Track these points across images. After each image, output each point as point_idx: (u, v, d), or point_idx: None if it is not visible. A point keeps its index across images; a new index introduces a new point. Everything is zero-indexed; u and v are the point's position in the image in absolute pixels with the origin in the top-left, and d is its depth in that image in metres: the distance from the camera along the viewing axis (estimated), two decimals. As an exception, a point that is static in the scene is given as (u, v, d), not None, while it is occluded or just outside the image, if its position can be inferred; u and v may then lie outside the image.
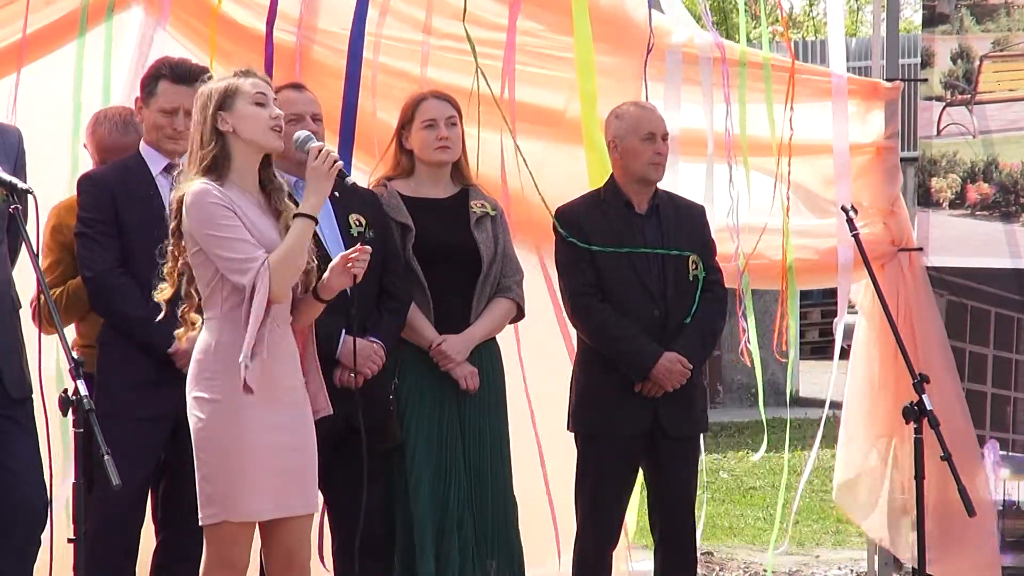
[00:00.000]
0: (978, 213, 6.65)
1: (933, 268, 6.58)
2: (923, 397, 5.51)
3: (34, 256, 4.54)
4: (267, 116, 4.57)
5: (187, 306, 4.61)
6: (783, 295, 6.41)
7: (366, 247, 4.64)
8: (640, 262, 5.63)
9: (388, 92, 6.05)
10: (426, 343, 5.43)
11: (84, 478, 4.33)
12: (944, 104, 6.67)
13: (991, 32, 6.67)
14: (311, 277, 4.67)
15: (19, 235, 4.67)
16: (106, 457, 4.16)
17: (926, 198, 6.68)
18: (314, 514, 4.73)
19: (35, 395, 4.96)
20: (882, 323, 6.30)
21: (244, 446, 4.50)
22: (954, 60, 6.68)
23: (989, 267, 6.61)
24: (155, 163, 5.24)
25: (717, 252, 5.85)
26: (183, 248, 4.56)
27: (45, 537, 5.06)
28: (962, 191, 6.65)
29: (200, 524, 4.58)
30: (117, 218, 5.14)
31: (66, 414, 4.32)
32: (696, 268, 5.69)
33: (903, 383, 6.31)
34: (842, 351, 6.61)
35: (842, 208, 6.00)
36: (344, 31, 6.01)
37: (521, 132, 6.01)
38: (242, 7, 6.06)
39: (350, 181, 4.63)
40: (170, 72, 5.24)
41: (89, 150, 5.58)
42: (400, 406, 5.41)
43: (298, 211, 4.55)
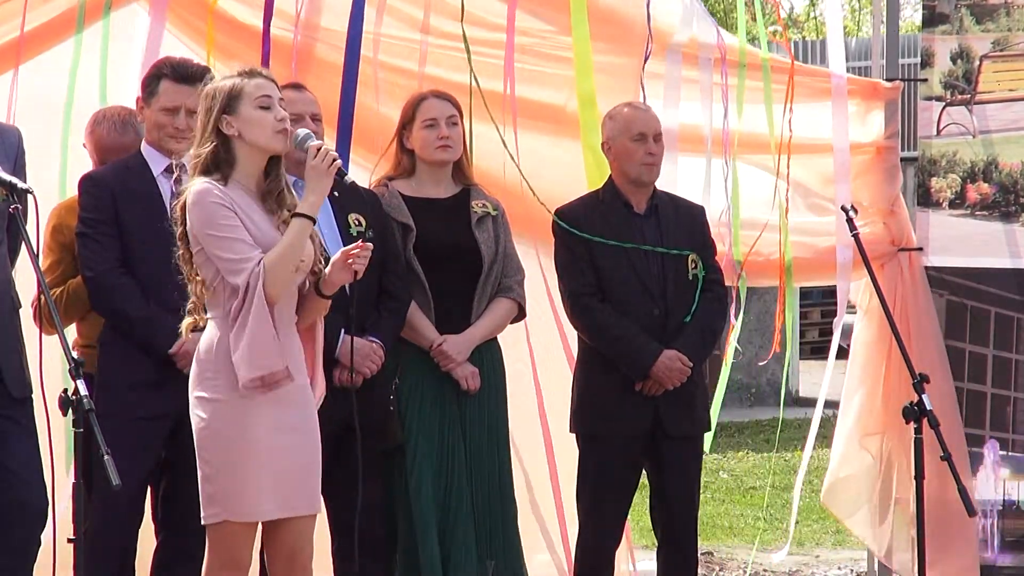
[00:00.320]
0: (978, 213, 6.65)
1: (933, 268, 6.58)
2: (923, 397, 5.51)
3: (34, 256, 4.55)
4: (272, 119, 4.54)
5: (194, 303, 4.60)
6: (781, 293, 6.42)
7: (368, 244, 4.61)
8: (640, 261, 5.63)
9: (389, 89, 6.05)
10: (427, 343, 5.43)
11: (84, 478, 4.33)
12: (944, 104, 6.67)
13: (991, 32, 6.66)
14: (320, 277, 4.64)
15: (19, 235, 4.67)
16: (106, 457, 4.16)
17: (926, 198, 6.67)
18: (317, 515, 4.70)
19: (35, 395, 4.97)
20: (881, 323, 6.30)
21: (246, 446, 4.49)
22: (954, 60, 6.68)
23: (989, 267, 6.61)
24: (156, 163, 5.24)
25: (717, 251, 5.85)
26: (192, 252, 4.54)
27: (45, 537, 5.06)
28: (962, 191, 6.65)
29: (203, 524, 4.57)
30: (118, 218, 5.14)
31: (66, 414, 4.32)
32: (696, 267, 5.69)
33: (900, 382, 6.32)
34: (842, 350, 6.61)
35: (842, 208, 6.00)
36: (344, 29, 6.01)
37: (521, 128, 6.02)
38: (239, 4, 6.05)
39: (349, 179, 4.61)
40: (172, 71, 5.24)
41: (88, 150, 5.58)
42: (401, 406, 5.41)
43: (296, 211, 4.52)
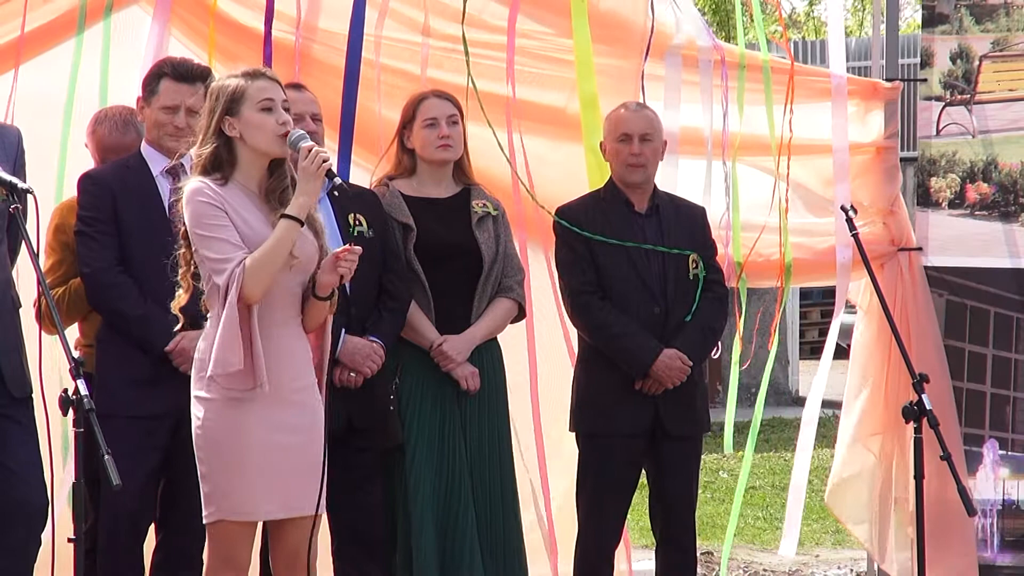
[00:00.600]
0: (977, 213, 6.65)
1: (932, 268, 6.58)
2: (923, 397, 5.52)
3: (34, 256, 4.55)
4: (274, 123, 4.52)
5: (183, 298, 4.59)
6: (780, 293, 6.42)
7: (356, 247, 4.58)
8: (640, 260, 5.64)
9: (389, 90, 6.05)
10: (427, 343, 5.43)
11: (85, 478, 4.33)
12: (944, 104, 6.68)
13: (991, 32, 6.67)
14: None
15: (19, 235, 4.67)
16: (106, 457, 4.16)
17: (925, 198, 6.68)
18: (319, 515, 4.69)
19: (35, 395, 4.97)
20: (881, 323, 6.31)
21: (241, 445, 4.48)
22: (953, 60, 6.68)
23: (988, 267, 6.62)
24: (156, 163, 5.24)
25: (718, 252, 5.86)
26: (192, 251, 4.55)
27: (45, 536, 5.06)
28: (961, 191, 6.66)
29: (204, 523, 4.57)
30: (117, 217, 5.14)
31: (66, 414, 4.32)
32: (696, 267, 5.70)
33: (899, 382, 6.33)
34: (841, 351, 6.61)
35: (842, 208, 6.01)
36: (344, 31, 6.01)
37: (522, 131, 6.02)
38: (241, 6, 6.06)
39: (338, 180, 4.58)
40: (172, 71, 5.25)
41: (90, 149, 5.59)
42: (401, 406, 5.41)
43: (284, 212, 4.50)
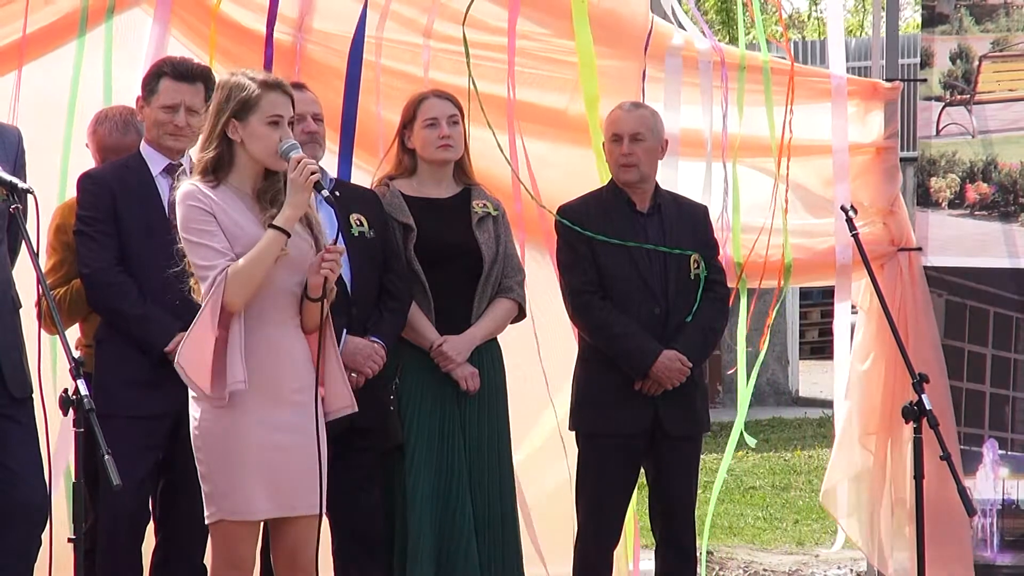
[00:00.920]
0: (977, 213, 6.66)
1: (932, 268, 6.59)
2: (923, 397, 5.52)
3: (34, 256, 4.55)
4: (277, 139, 4.53)
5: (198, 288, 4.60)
6: (776, 293, 6.43)
7: (338, 247, 4.57)
8: (642, 260, 5.64)
9: (390, 92, 6.05)
10: (427, 344, 5.43)
11: (85, 478, 4.33)
12: (943, 104, 6.68)
13: (990, 32, 6.68)
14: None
15: (19, 235, 4.67)
16: (106, 457, 4.16)
17: (925, 198, 6.69)
18: (320, 515, 4.68)
19: (35, 395, 4.97)
20: (880, 323, 6.31)
21: (239, 445, 4.49)
22: (953, 60, 6.69)
23: (988, 267, 6.62)
24: (155, 163, 5.25)
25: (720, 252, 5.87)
26: None
27: (45, 537, 5.06)
28: (961, 191, 6.66)
29: (206, 523, 4.57)
30: (116, 217, 5.15)
31: (66, 414, 4.32)
32: (698, 267, 5.69)
33: (897, 382, 6.33)
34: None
35: (842, 208, 6.01)
36: (339, 32, 6.02)
37: (523, 132, 6.03)
38: (242, 7, 6.06)
39: (325, 193, 4.59)
40: (172, 70, 5.26)
41: (91, 150, 5.59)
42: (401, 406, 5.41)
43: (270, 223, 4.50)
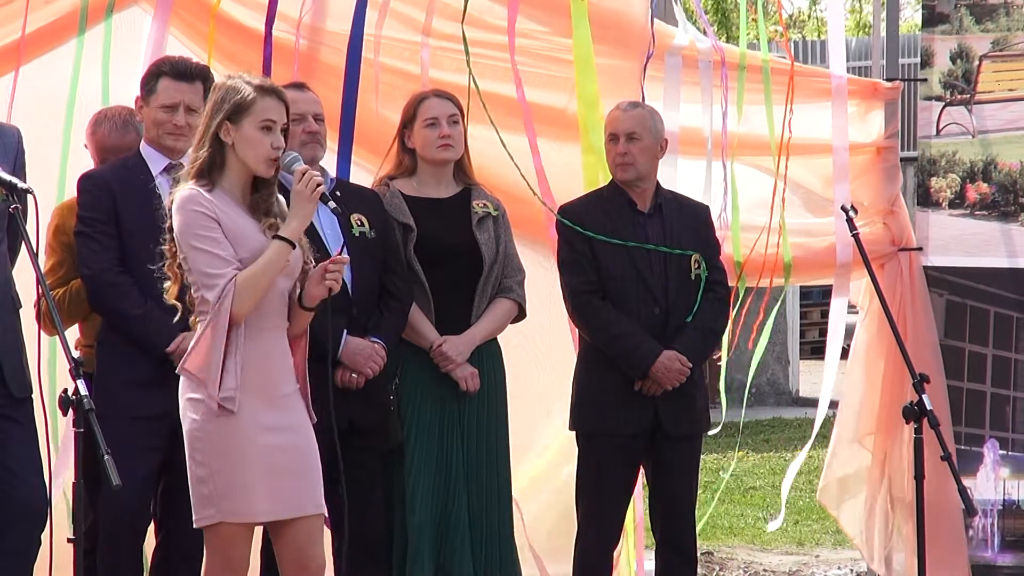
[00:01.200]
0: (977, 213, 6.66)
1: (932, 268, 6.59)
2: (923, 397, 5.51)
3: (34, 256, 4.55)
4: (268, 145, 4.53)
5: (172, 290, 4.58)
6: (767, 291, 6.43)
7: (343, 257, 4.59)
8: (642, 260, 5.63)
9: (390, 90, 6.05)
10: (427, 344, 5.42)
11: (85, 478, 4.33)
12: (944, 104, 6.68)
13: (990, 32, 6.68)
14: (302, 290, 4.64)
15: (19, 235, 4.67)
16: (106, 457, 4.16)
17: (926, 198, 6.68)
18: (321, 514, 4.69)
19: (35, 395, 4.97)
20: (880, 322, 6.31)
21: (239, 447, 4.48)
22: (953, 60, 6.69)
23: (988, 267, 6.62)
24: (156, 163, 5.24)
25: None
26: (176, 245, 4.55)
27: (45, 537, 5.06)
28: (961, 191, 6.66)
29: (195, 526, 4.56)
30: (117, 218, 5.14)
31: (66, 414, 4.32)
32: (698, 267, 5.69)
33: (896, 382, 6.33)
34: (843, 350, 6.62)
35: (842, 208, 6.01)
36: (346, 32, 6.01)
37: (522, 131, 6.02)
38: (241, 6, 6.06)
39: (332, 204, 4.60)
40: (171, 69, 5.25)
41: (90, 150, 5.58)
42: (401, 406, 5.40)
43: (277, 233, 4.51)
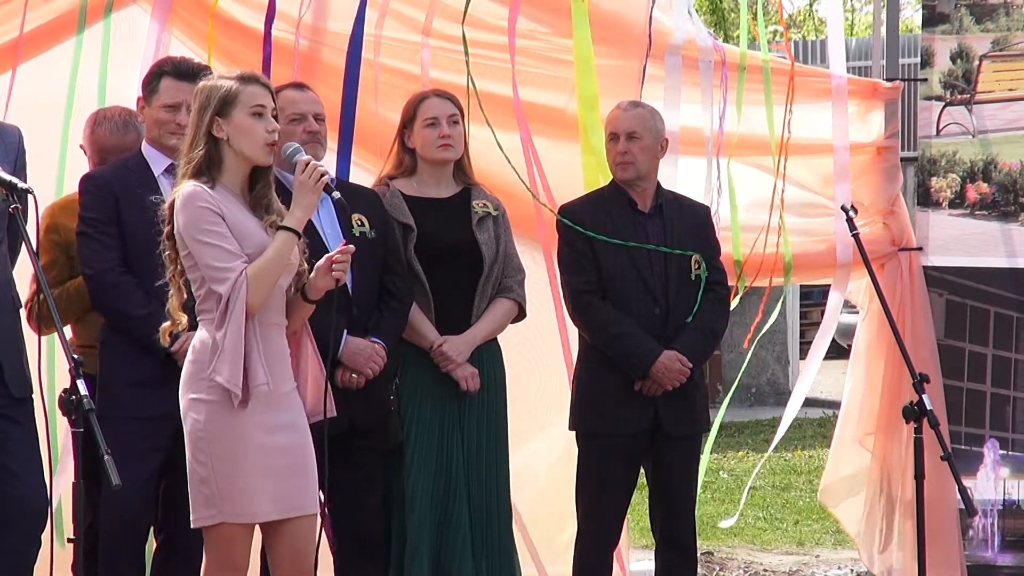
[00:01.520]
0: (977, 212, 6.66)
1: (933, 267, 6.59)
2: (923, 397, 5.52)
3: (34, 255, 4.55)
4: (263, 130, 4.52)
5: (175, 301, 4.58)
6: (767, 293, 6.44)
7: (349, 247, 4.59)
8: (642, 260, 5.63)
9: (390, 91, 6.05)
10: (427, 344, 5.42)
11: (85, 478, 4.33)
12: (944, 104, 6.69)
13: (990, 32, 6.68)
14: (303, 278, 4.64)
15: (19, 235, 4.67)
16: (106, 457, 4.15)
17: (926, 198, 6.69)
18: (318, 514, 4.69)
19: (35, 395, 4.97)
20: (881, 322, 6.31)
21: (241, 447, 4.48)
22: (954, 60, 6.69)
23: (988, 266, 6.63)
24: (157, 164, 5.24)
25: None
26: (178, 251, 4.54)
27: (45, 537, 5.06)
28: (961, 191, 6.66)
29: (193, 526, 4.55)
30: (119, 218, 5.14)
31: (66, 414, 4.32)
32: (699, 268, 5.69)
33: (895, 381, 6.34)
34: (843, 350, 6.62)
35: (842, 208, 6.01)
36: (348, 32, 6.01)
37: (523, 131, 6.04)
38: (240, 5, 6.06)
39: (336, 195, 4.60)
40: (173, 69, 5.26)
41: (87, 151, 5.57)
42: (401, 406, 5.40)
43: (281, 224, 4.52)
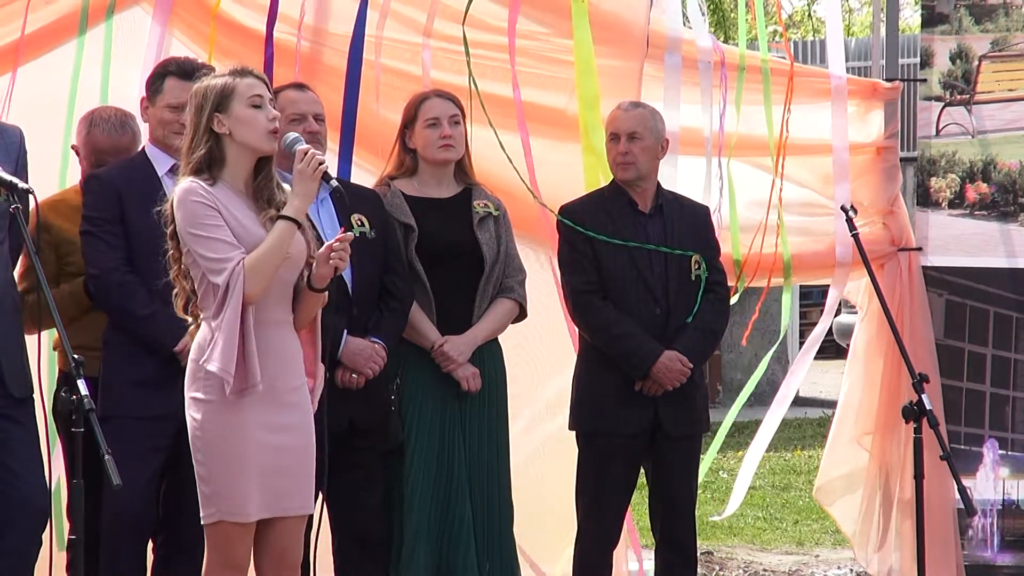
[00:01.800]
0: (977, 213, 6.67)
1: (932, 268, 6.60)
2: (923, 397, 5.52)
3: (35, 256, 4.55)
4: (264, 119, 4.52)
5: (178, 301, 4.58)
6: (765, 292, 6.44)
7: (347, 234, 4.57)
8: (642, 260, 5.63)
9: (390, 92, 6.05)
10: (428, 344, 5.42)
11: (85, 478, 4.33)
12: (943, 104, 6.69)
13: (990, 32, 6.69)
14: (312, 269, 4.62)
15: (20, 235, 4.67)
16: (106, 457, 4.16)
17: (925, 198, 6.69)
18: (308, 515, 4.69)
19: (35, 395, 4.97)
20: (879, 323, 6.31)
21: (238, 446, 4.48)
22: (953, 60, 6.70)
23: (988, 267, 6.63)
24: (161, 164, 5.25)
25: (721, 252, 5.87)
26: (181, 251, 4.54)
27: (45, 537, 5.06)
28: (961, 191, 6.67)
29: (201, 523, 4.57)
30: (123, 217, 5.15)
31: (66, 414, 4.32)
32: (699, 268, 5.69)
33: (894, 381, 6.34)
34: (842, 350, 6.63)
35: (842, 208, 6.01)
36: (348, 34, 6.02)
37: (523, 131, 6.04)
38: (242, 7, 6.06)
39: (335, 183, 4.59)
40: (177, 69, 5.27)
41: (80, 152, 5.54)
42: (402, 406, 5.41)
43: (280, 213, 4.50)
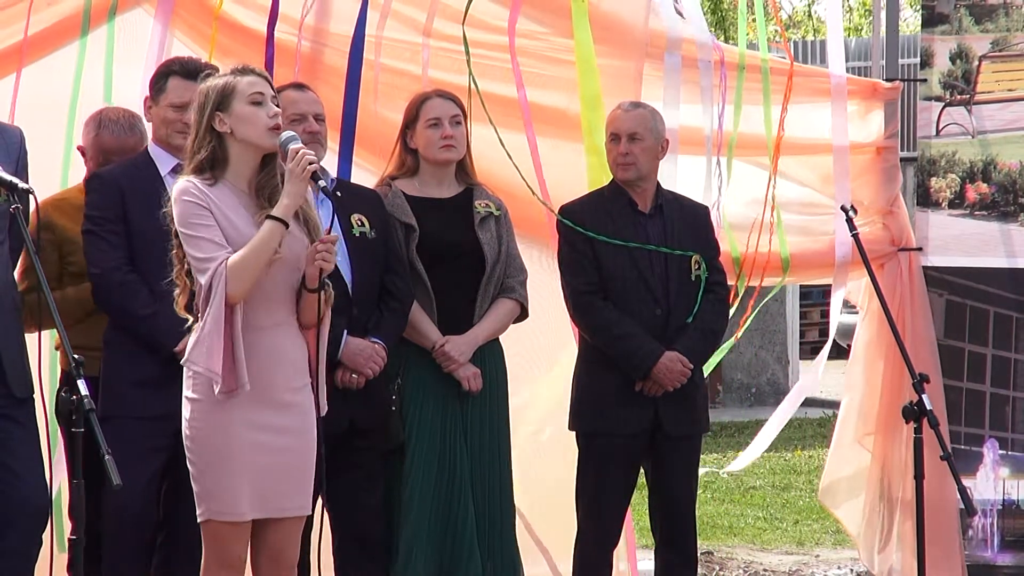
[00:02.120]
0: (977, 213, 6.67)
1: (932, 268, 6.60)
2: (923, 397, 5.52)
3: (35, 256, 4.56)
4: (265, 116, 4.51)
5: (180, 300, 4.58)
6: (757, 290, 6.45)
7: (331, 236, 4.55)
8: (643, 261, 5.63)
9: (391, 92, 6.05)
10: (429, 344, 5.42)
11: (86, 478, 4.33)
12: (943, 104, 6.69)
13: (990, 32, 6.69)
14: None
15: (20, 235, 4.67)
16: (107, 457, 4.16)
17: (925, 198, 6.69)
18: (306, 516, 4.68)
19: (35, 395, 4.98)
20: (880, 323, 6.31)
21: (228, 446, 4.47)
22: (953, 60, 6.70)
23: (988, 267, 6.63)
24: (164, 163, 5.25)
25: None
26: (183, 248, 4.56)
27: (45, 537, 5.06)
28: (961, 191, 6.67)
29: (198, 520, 4.58)
30: (125, 217, 5.15)
31: (67, 414, 4.32)
32: (699, 268, 5.69)
33: (894, 381, 6.34)
34: (843, 350, 6.63)
35: (842, 208, 6.02)
36: (349, 33, 6.02)
37: (522, 130, 6.03)
38: (243, 7, 6.07)
39: (323, 183, 4.56)
40: (180, 68, 5.27)
41: (87, 152, 5.55)
42: (403, 407, 5.41)
43: (269, 213, 4.48)
